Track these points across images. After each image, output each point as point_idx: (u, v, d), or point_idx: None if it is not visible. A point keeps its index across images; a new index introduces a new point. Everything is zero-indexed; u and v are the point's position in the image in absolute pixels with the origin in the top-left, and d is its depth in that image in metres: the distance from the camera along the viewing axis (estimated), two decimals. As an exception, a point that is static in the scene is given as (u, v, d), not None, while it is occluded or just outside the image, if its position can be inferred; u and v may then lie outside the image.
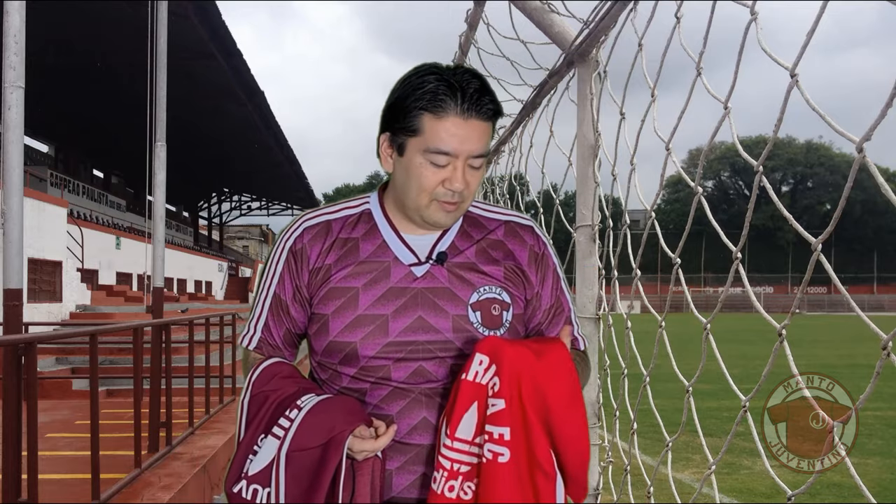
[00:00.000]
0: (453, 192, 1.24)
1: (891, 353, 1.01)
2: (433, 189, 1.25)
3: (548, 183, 3.04)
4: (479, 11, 3.13)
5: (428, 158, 1.23)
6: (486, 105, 1.23)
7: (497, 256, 1.34)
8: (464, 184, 1.24)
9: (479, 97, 1.23)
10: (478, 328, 1.27)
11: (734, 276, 1.45)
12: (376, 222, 1.33)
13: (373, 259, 1.30)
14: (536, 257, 1.37)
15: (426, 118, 1.22)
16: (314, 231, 1.33)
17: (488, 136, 1.27)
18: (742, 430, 1.48)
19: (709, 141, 1.64)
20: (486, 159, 1.28)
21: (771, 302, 55.47)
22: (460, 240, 1.34)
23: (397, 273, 1.28)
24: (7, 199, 3.93)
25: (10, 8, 3.98)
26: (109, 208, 25.29)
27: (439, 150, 1.22)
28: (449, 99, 1.21)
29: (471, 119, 1.22)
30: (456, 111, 1.21)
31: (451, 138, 1.22)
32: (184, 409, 6.57)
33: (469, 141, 1.23)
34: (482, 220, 1.38)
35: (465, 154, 1.23)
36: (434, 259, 1.30)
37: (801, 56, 1.19)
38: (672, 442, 1.80)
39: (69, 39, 16.35)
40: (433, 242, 1.32)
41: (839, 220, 1.13)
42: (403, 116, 1.24)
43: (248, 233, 56.48)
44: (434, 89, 1.21)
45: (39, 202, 12.25)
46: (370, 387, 1.27)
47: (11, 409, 3.44)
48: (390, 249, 1.30)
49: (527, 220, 1.42)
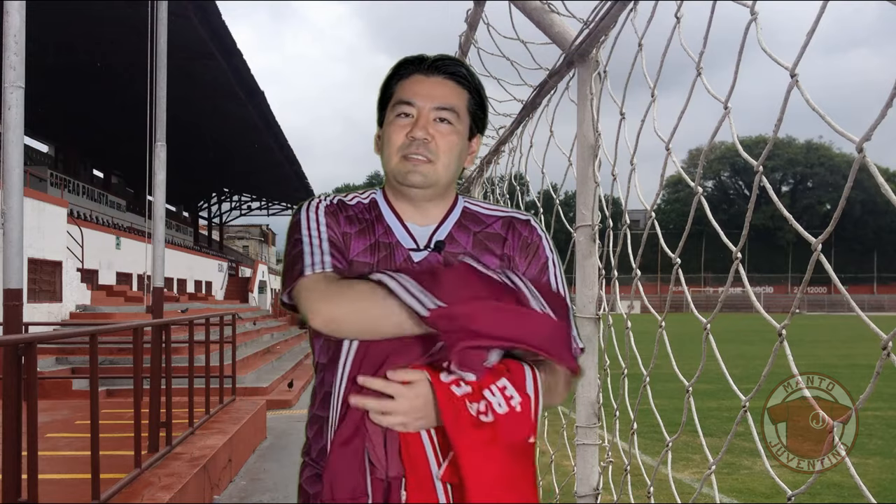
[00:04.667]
0: (417, 143, 1.28)
1: (891, 353, 1.01)
2: (400, 143, 1.30)
3: (548, 183, 3.04)
4: (479, 11, 3.13)
5: (395, 113, 1.32)
6: (451, 66, 1.33)
7: (494, 248, 1.35)
8: (426, 133, 1.29)
9: (444, 61, 1.33)
10: None
11: (734, 276, 1.45)
12: (381, 210, 1.37)
13: (381, 240, 1.33)
14: (527, 245, 1.38)
15: (395, 84, 1.35)
16: (333, 207, 1.36)
17: (457, 94, 1.33)
18: (742, 430, 1.48)
19: (709, 141, 1.64)
20: (458, 119, 1.32)
21: (771, 302, 55.50)
22: (458, 231, 1.36)
23: (399, 255, 1.32)
24: (7, 199, 3.93)
25: (10, 8, 3.98)
26: (109, 208, 25.28)
27: (402, 99, 1.32)
28: (415, 64, 1.35)
29: (433, 76, 1.33)
30: (420, 70, 1.33)
31: (413, 89, 1.32)
32: (184, 409, 6.57)
33: (431, 93, 1.31)
34: (480, 216, 1.40)
35: (427, 105, 1.30)
36: (432, 247, 1.33)
37: (801, 56, 1.19)
38: (672, 442, 1.80)
39: (69, 39, 16.36)
40: (431, 232, 1.35)
41: (839, 220, 1.13)
42: (383, 93, 1.37)
43: (248, 233, 56.48)
44: (402, 62, 1.36)
45: (39, 202, 12.25)
46: None
47: (11, 409, 3.44)
48: (393, 233, 1.34)
49: (524, 215, 1.43)
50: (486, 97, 1.40)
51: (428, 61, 1.34)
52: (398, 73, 1.35)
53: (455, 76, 1.33)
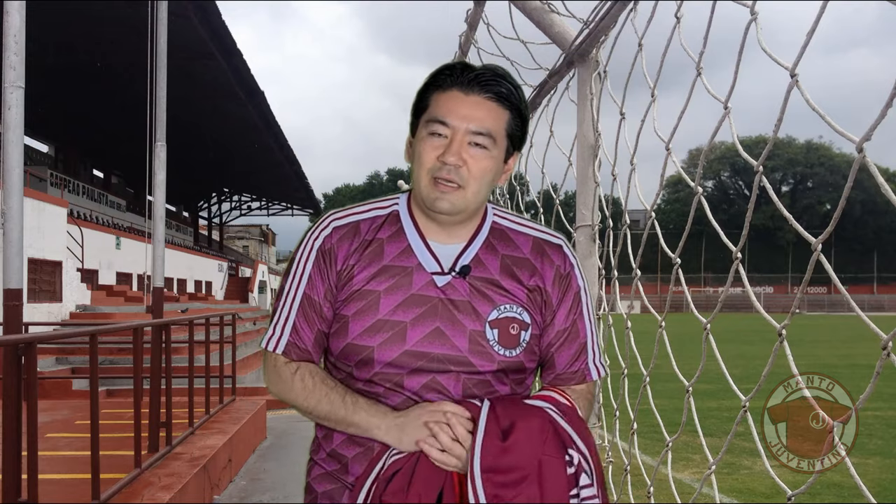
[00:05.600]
0: (448, 168, 1.21)
1: (891, 353, 1.01)
2: (431, 164, 1.23)
3: (548, 183, 3.04)
4: (479, 11, 3.13)
5: (428, 130, 1.24)
6: (493, 85, 1.23)
7: (521, 275, 1.29)
8: (458, 158, 1.21)
9: (486, 77, 1.23)
10: (493, 346, 1.24)
11: (734, 276, 1.45)
12: (402, 225, 1.30)
13: (396, 263, 1.26)
14: (561, 277, 1.32)
15: (432, 94, 1.25)
16: (343, 231, 1.30)
17: (495, 116, 1.23)
18: (742, 430, 1.48)
19: (709, 141, 1.64)
20: (494, 144, 1.24)
21: (771, 302, 55.50)
22: (485, 253, 1.29)
23: (419, 280, 1.25)
24: (7, 199, 3.93)
25: (10, 8, 3.98)
26: (109, 208, 25.29)
27: (436, 118, 1.23)
28: (454, 75, 1.24)
29: (472, 94, 1.23)
30: (459, 84, 1.23)
31: (448, 107, 1.23)
32: (184, 409, 6.56)
33: (468, 114, 1.22)
34: (510, 234, 1.33)
35: (462, 127, 1.21)
36: (457, 272, 1.26)
37: (801, 56, 1.19)
38: (672, 442, 1.80)
39: (69, 39, 16.37)
40: (458, 253, 1.28)
41: (839, 220, 1.13)
42: (418, 101, 1.28)
43: (248, 233, 56.49)
44: (442, 69, 1.26)
45: (39, 202, 12.25)
46: (383, 392, 1.25)
47: (11, 409, 3.44)
48: (415, 255, 1.27)
49: (557, 239, 1.36)
50: (528, 115, 1.31)
51: (469, 75, 1.23)
52: (436, 83, 1.25)
53: (497, 96, 1.23)
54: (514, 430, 1.15)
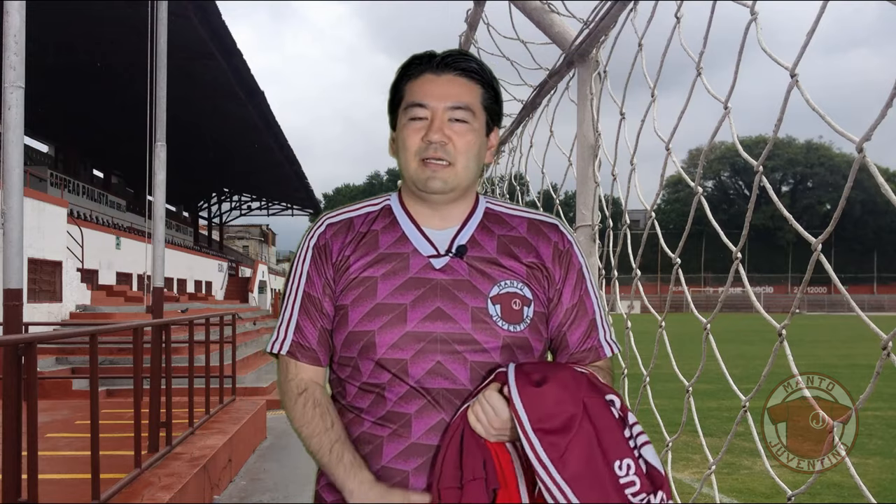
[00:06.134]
0: (434, 146, 1.24)
1: (891, 353, 1.01)
2: (416, 146, 1.26)
3: (548, 183, 3.04)
4: (479, 11, 3.13)
5: (408, 115, 1.28)
6: (461, 62, 1.28)
7: (519, 252, 1.30)
8: (442, 135, 1.25)
9: (454, 56, 1.29)
10: (497, 321, 1.24)
11: (734, 276, 1.45)
12: (396, 216, 1.32)
13: (392, 251, 1.28)
14: (560, 254, 1.32)
15: (405, 84, 1.30)
16: (337, 227, 1.33)
17: (469, 90, 1.28)
18: (742, 430, 1.48)
19: (709, 141, 1.64)
20: (473, 117, 1.28)
21: (771, 302, 55.48)
22: (480, 234, 1.31)
23: (416, 264, 1.27)
24: (7, 199, 3.93)
25: (10, 8, 3.98)
26: (109, 208, 25.28)
27: (414, 101, 1.27)
28: (423, 62, 1.30)
29: (444, 73, 1.28)
30: (429, 68, 1.29)
31: (424, 89, 1.27)
32: (184, 409, 6.56)
33: (444, 92, 1.26)
34: (504, 217, 1.35)
35: (441, 105, 1.26)
36: (454, 252, 1.28)
37: (801, 56, 1.19)
38: (672, 442, 1.80)
39: (69, 39, 16.36)
40: (452, 235, 1.30)
41: (839, 220, 1.13)
42: (393, 95, 1.32)
43: (248, 233, 56.48)
44: (411, 60, 1.31)
45: (39, 202, 12.25)
46: (388, 381, 1.23)
47: (11, 409, 3.44)
48: (410, 241, 1.29)
49: (551, 218, 1.38)
50: (499, 89, 1.36)
51: (437, 58, 1.29)
52: (407, 74, 1.30)
53: (466, 72, 1.29)
54: (547, 381, 1.14)
